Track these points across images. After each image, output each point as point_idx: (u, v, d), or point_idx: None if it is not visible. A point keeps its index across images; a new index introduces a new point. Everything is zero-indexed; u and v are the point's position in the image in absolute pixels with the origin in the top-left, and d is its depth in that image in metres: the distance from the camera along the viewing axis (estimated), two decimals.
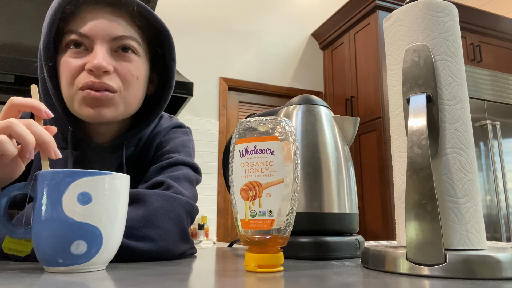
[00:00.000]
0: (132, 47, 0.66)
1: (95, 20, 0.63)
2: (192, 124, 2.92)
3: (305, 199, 0.62)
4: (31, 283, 0.35)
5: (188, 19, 3.20)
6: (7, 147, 0.45)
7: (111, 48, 0.64)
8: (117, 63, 0.64)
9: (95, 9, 0.64)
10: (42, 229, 0.41)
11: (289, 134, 0.44)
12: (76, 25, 0.63)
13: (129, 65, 0.66)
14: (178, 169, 0.69)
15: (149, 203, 0.57)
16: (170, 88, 0.73)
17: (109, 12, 0.65)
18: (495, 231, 2.74)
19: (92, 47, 0.63)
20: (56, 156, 0.47)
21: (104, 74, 0.62)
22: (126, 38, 0.65)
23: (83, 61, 0.62)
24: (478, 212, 0.44)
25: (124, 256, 0.51)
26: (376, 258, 0.45)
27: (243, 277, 0.39)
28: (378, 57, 2.88)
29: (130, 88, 0.66)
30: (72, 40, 0.63)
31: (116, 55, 0.65)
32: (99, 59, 0.61)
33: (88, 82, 0.61)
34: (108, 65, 0.62)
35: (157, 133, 0.77)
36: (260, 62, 3.40)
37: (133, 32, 0.66)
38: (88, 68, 0.61)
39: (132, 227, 0.53)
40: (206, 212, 2.95)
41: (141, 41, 0.68)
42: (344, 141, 0.69)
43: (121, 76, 0.64)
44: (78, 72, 0.62)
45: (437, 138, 0.45)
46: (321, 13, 3.70)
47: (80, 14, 0.64)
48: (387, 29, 0.52)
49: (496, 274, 0.38)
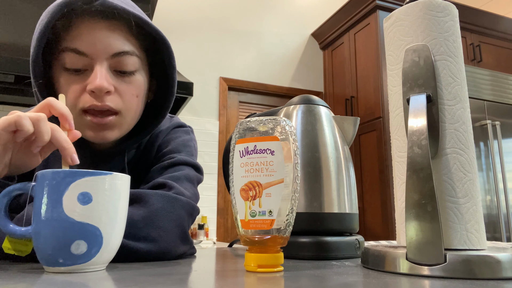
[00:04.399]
0: (132, 64, 0.65)
1: (92, 35, 0.61)
2: (192, 124, 2.92)
3: (305, 199, 0.62)
4: (31, 283, 0.35)
5: (188, 19, 3.20)
6: (24, 122, 0.47)
7: (110, 65, 0.63)
8: (117, 83, 0.64)
9: (90, 23, 0.62)
10: (42, 229, 0.41)
11: (289, 134, 0.44)
12: (71, 41, 0.61)
13: (130, 86, 0.66)
14: (179, 169, 0.69)
15: (151, 203, 0.57)
16: (172, 95, 0.73)
17: (106, 26, 0.63)
18: (495, 231, 2.74)
19: (91, 65, 0.62)
20: (73, 162, 0.49)
21: (106, 94, 0.62)
22: (125, 54, 0.64)
23: (83, 82, 0.62)
24: (478, 212, 0.44)
25: (124, 256, 0.51)
26: (376, 258, 0.45)
27: (243, 277, 0.39)
28: (378, 57, 2.88)
29: (130, 107, 0.66)
30: (70, 60, 0.61)
31: (116, 74, 0.64)
32: (100, 80, 0.60)
33: (91, 105, 0.61)
34: (110, 86, 0.62)
35: (158, 134, 0.77)
36: (260, 62, 3.40)
37: (131, 46, 0.65)
38: (90, 89, 0.61)
39: (133, 227, 0.53)
40: (206, 212, 2.95)
41: (139, 53, 0.67)
42: (344, 141, 0.69)
43: (121, 95, 0.64)
44: (80, 94, 0.62)
45: (437, 138, 0.45)
46: (321, 13, 3.70)
47: (74, 29, 0.62)
48: (387, 29, 0.52)
49: (496, 274, 0.38)
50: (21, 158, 0.52)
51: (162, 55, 0.69)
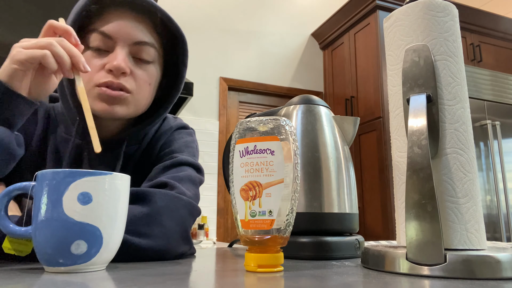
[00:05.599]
0: (149, 54, 0.69)
1: (119, 22, 0.67)
2: (192, 124, 2.90)
3: (305, 199, 0.62)
4: (31, 283, 0.35)
5: (188, 19, 3.20)
6: (51, 60, 0.54)
7: (130, 51, 0.68)
8: (134, 67, 0.68)
9: (119, 11, 0.67)
10: (42, 229, 0.41)
11: (289, 134, 0.44)
12: (100, 24, 0.66)
13: (144, 72, 0.69)
14: (182, 170, 0.70)
15: (154, 201, 0.58)
16: (177, 91, 0.76)
17: (133, 17, 0.68)
18: (495, 231, 2.74)
19: (113, 47, 0.66)
20: (84, 69, 0.56)
21: (122, 75, 0.66)
22: (145, 44, 0.69)
23: (103, 61, 0.66)
24: (478, 212, 0.44)
25: (126, 252, 0.51)
26: (376, 258, 0.45)
27: (243, 277, 0.39)
28: (378, 57, 2.88)
29: (142, 92, 0.70)
30: (95, 39, 0.66)
31: (134, 60, 0.68)
32: (119, 60, 0.64)
33: (107, 81, 0.65)
34: (127, 68, 0.66)
35: (162, 134, 0.78)
36: (260, 62, 3.40)
37: (152, 38, 0.70)
38: (108, 68, 0.65)
39: (135, 224, 0.54)
40: (206, 212, 2.95)
41: (158, 47, 0.72)
42: (344, 141, 0.69)
43: (136, 79, 0.68)
44: (98, 70, 0.66)
45: (437, 138, 0.45)
46: (321, 13, 3.70)
47: (105, 14, 0.67)
48: (387, 29, 0.52)
49: (496, 274, 0.38)
50: (42, 87, 0.59)
51: (177, 51, 0.74)
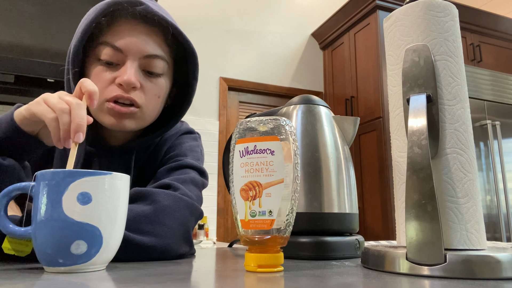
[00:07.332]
0: (159, 67, 0.69)
1: (130, 35, 0.66)
2: (192, 124, 2.89)
3: (305, 199, 0.62)
4: (31, 283, 0.35)
5: (188, 19, 3.20)
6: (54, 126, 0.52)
7: (140, 64, 0.67)
8: (144, 81, 0.68)
9: (131, 24, 0.67)
10: (42, 229, 0.41)
11: (289, 134, 0.44)
12: (111, 37, 0.66)
13: (154, 86, 0.70)
14: (185, 172, 0.71)
15: (157, 201, 0.58)
16: (188, 104, 0.77)
17: (144, 30, 0.67)
18: (495, 231, 2.74)
19: (123, 60, 0.66)
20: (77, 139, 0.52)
21: (132, 89, 0.66)
22: (156, 57, 0.68)
23: (113, 75, 0.66)
24: (478, 212, 0.44)
25: (128, 249, 0.51)
26: (376, 258, 0.45)
27: (243, 277, 0.39)
28: (378, 57, 2.88)
29: (151, 105, 0.70)
30: (106, 53, 0.65)
31: (144, 73, 0.68)
32: (129, 75, 0.64)
33: (117, 95, 0.65)
34: (137, 82, 0.66)
35: (167, 139, 0.79)
36: (260, 62, 3.40)
37: (162, 52, 0.70)
38: (119, 82, 0.65)
39: (138, 222, 0.54)
40: (206, 212, 2.95)
41: (168, 60, 0.72)
42: (344, 141, 0.69)
43: (145, 93, 0.68)
44: (108, 84, 0.66)
45: (437, 138, 0.45)
46: (321, 13, 3.70)
47: (116, 27, 0.66)
48: (387, 29, 0.52)
49: (496, 274, 0.38)
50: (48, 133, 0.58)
51: (188, 65, 0.74)
